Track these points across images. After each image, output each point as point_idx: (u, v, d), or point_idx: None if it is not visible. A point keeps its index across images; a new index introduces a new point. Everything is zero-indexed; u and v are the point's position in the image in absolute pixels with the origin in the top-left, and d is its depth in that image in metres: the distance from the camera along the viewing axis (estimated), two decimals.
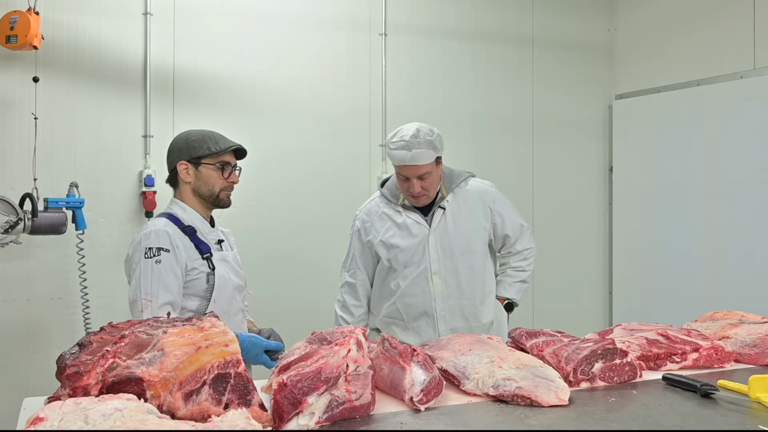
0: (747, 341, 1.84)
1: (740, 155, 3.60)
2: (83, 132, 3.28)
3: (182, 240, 2.02)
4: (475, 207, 2.50)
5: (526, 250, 2.60)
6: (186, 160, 2.09)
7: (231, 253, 2.18)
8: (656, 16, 4.19)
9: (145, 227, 2.04)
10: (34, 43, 2.99)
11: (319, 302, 3.71)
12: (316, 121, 3.74)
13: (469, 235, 2.48)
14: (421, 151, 2.31)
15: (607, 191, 4.45)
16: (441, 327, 2.46)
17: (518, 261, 2.60)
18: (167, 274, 1.94)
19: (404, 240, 2.46)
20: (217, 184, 2.10)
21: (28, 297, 3.18)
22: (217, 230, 2.18)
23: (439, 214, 2.47)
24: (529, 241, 2.61)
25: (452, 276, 2.46)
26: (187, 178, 2.09)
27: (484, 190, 2.55)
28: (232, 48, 3.57)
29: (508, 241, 2.57)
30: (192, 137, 2.11)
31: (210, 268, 2.04)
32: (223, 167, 2.10)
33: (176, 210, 2.10)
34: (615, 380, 1.60)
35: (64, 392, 1.20)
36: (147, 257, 1.94)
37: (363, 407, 1.32)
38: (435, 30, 4.03)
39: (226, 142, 2.12)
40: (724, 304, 2.56)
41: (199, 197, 2.11)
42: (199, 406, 1.21)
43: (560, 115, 4.34)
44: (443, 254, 2.45)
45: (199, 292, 2.03)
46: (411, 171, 2.35)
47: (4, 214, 2.86)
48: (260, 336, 2.01)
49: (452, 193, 2.50)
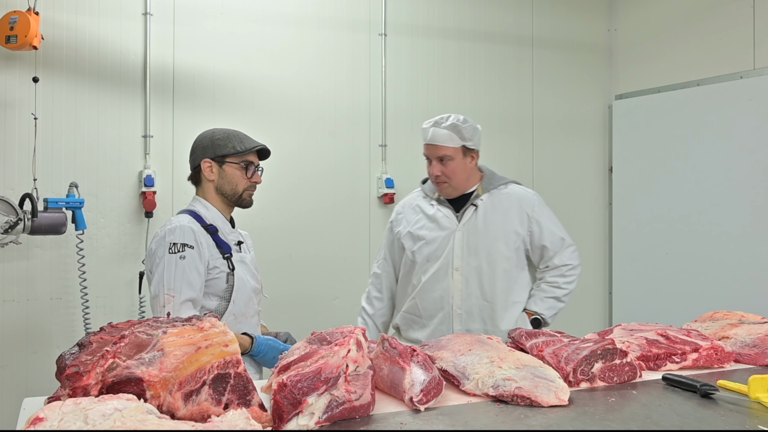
0: (747, 341, 1.84)
1: (740, 155, 3.59)
2: (83, 132, 3.28)
3: (205, 238, 2.00)
4: (510, 210, 2.44)
5: (565, 266, 2.46)
6: (210, 158, 2.07)
7: (249, 255, 2.18)
8: (656, 16, 4.19)
9: (168, 222, 2.02)
10: (34, 43, 2.99)
11: (319, 302, 3.72)
12: (315, 121, 3.74)
13: (499, 236, 2.41)
14: (442, 132, 2.32)
15: (607, 191, 4.45)
16: (456, 327, 2.40)
17: (555, 276, 2.47)
18: (191, 271, 1.93)
19: (431, 232, 2.43)
20: (240, 183, 2.10)
21: (28, 297, 3.18)
22: (236, 231, 2.17)
23: (470, 211, 2.43)
24: (569, 257, 2.48)
25: (474, 275, 2.40)
26: (210, 176, 2.08)
27: (524, 195, 2.49)
28: (232, 48, 3.57)
29: (546, 254, 2.47)
30: (217, 135, 2.09)
31: (230, 269, 2.03)
32: (247, 167, 2.10)
33: (199, 208, 2.09)
34: (615, 380, 1.60)
35: (64, 392, 1.20)
36: (171, 252, 1.93)
37: (363, 407, 1.32)
38: (435, 30, 4.03)
39: (251, 142, 2.12)
40: (724, 304, 2.56)
41: (222, 196, 2.10)
42: (198, 406, 1.21)
43: (560, 115, 4.34)
44: (468, 251, 2.40)
45: (219, 291, 2.02)
46: (431, 150, 2.38)
47: (4, 214, 2.87)
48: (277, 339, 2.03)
49: (488, 193, 2.46)
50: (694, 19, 3.94)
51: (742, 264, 3.55)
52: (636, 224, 4.17)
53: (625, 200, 4.26)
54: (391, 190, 3.79)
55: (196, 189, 2.16)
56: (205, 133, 2.14)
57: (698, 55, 3.89)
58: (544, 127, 4.30)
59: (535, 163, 4.27)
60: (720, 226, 3.68)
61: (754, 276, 3.49)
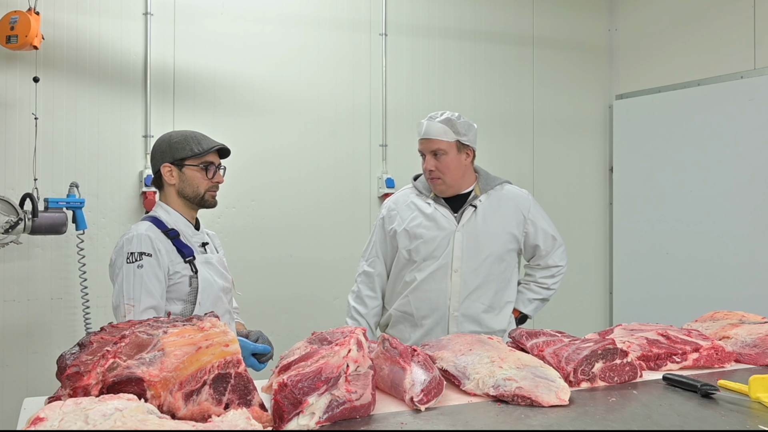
0: (747, 341, 1.84)
1: (740, 155, 3.59)
2: (83, 132, 3.28)
3: (164, 244, 2.00)
4: (508, 212, 2.44)
5: (555, 266, 2.51)
6: (169, 162, 2.07)
7: (216, 255, 2.16)
8: (656, 16, 4.19)
9: (127, 231, 2.02)
10: (35, 43, 2.99)
11: (319, 302, 3.72)
12: (316, 121, 3.74)
13: (498, 238, 2.40)
14: (436, 126, 2.32)
15: (607, 191, 4.45)
16: (452, 328, 2.37)
17: (545, 277, 2.51)
18: (150, 279, 1.93)
19: (429, 231, 2.39)
20: (201, 185, 2.08)
21: (28, 297, 3.18)
22: (201, 233, 2.16)
23: (469, 211, 2.41)
24: (560, 257, 2.51)
25: (473, 277, 2.38)
26: (171, 180, 2.08)
27: (520, 196, 2.50)
28: (233, 48, 3.57)
29: (538, 252, 2.49)
30: (174, 139, 2.09)
31: (193, 272, 2.02)
32: (207, 168, 2.08)
33: (160, 213, 2.09)
34: (615, 380, 1.60)
35: (65, 392, 1.20)
36: (129, 262, 1.93)
37: (363, 407, 1.32)
38: (435, 30, 4.03)
39: (209, 143, 2.09)
40: (724, 304, 2.56)
41: (184, 198, 2.09)
42: (199, 406, 1.21)
43: (560, 115, 4.34)
44: (467, 253, 2.37)
45: (182, 295, 2.02)
46: (424, 145, 2.38)
47: (4, 214, 2.87)
48: (247, 340, 2.01)
49: (486, 194, 2.45)
50: (694, 19, 3.94)
51: (743, 264, 3.55)
52: (636, 224, 4.16)
53: (626, 200, 4.26)
54: (392, 190, 3.79)
55: (159, 194, 2.15)
56: (162, 137, 2.13)
57: (698, 55, 3.89)
58: (544, 127, 4.30)
59: (535, 163, 4.27)
60: (720, 226, 3.67)
61: (755, 276, 3.49)
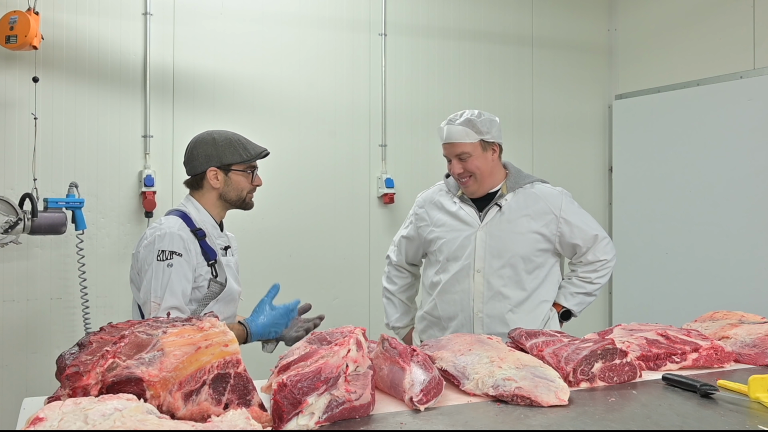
0: (747, 341, 1.84)
1: (740, 155, 3.59)
2: (83, 132, 3.28)
3: (194, 244, 1.99)
4: (536, 211, 2.33)
5: (598, 261, 2.37)
6: (216, 166, 2.05)
7: (233, 258, 2.16)
8: (656, 16, 4.19)
9: (158, 227, 1.98)
10: (34, 43, 2.99)
11: (319, 302, 3.71)
12: (315, 121, 3.74)
13: (524, 238, 2.31)
14: (457, 129, 2.27)
15: (607, 191, 4.45)
16: (478, 330, 2.30)
17: (587, 272, 2.39)
18: (179, 279, 1.92)
19: (451, 231, 2.36)
20: (245, 188, 2.10)
21: (28, 297, 3.18)
22: (225, 235, 2.15)
23: (493, 210, 2.33)
24: (603, 251, 2.37)
25: (496, 277, 2.30)
26: (216, 184, 2.06)
27: (552, 194, 2.38)
28: (232, 48, 3.57)
29: (578, 250, 2.38)
30: (219, 142, 2.05)
31: (213, 275, 2.02)
32: (252, 172, 2.10)
33: (190, 209, 2.06)
34: (615, 380, 1.60)
35: (64, 392, 1.20)
36: (159, 260, 1.92)
37: (363, 407, 1.32)
38: (435, 30, 4.03)
39: (256, 148, 2.11)
40: (724, 304, 2.56)
41: (225, 201, 2.09)
42: (198, 406, 1.21)
43: (560, 115, 4.34)
44: (490, 253, 2.30)
45: (198, 297, 2.01)
46: (448, 149, 2.33)
47: (4, 214, 2.87)
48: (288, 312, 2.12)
49: (513, 192, 2.36)
50: (694, 19, 3.94)
51: (742, 264, 3.55)
52: (636, 224, 4.16)
53: (625, 200, 4.26)
54: (391, 190, 3.79)
55: (191, 191, 2.13)
56: (204, 139, 2.08)
57: (698, 55, 3.89)
58: (544, 127, 4.30)
59: (535, 163, 4.27)
60: (720, 225, 3.67)
61: (754, 276, 3.49)
